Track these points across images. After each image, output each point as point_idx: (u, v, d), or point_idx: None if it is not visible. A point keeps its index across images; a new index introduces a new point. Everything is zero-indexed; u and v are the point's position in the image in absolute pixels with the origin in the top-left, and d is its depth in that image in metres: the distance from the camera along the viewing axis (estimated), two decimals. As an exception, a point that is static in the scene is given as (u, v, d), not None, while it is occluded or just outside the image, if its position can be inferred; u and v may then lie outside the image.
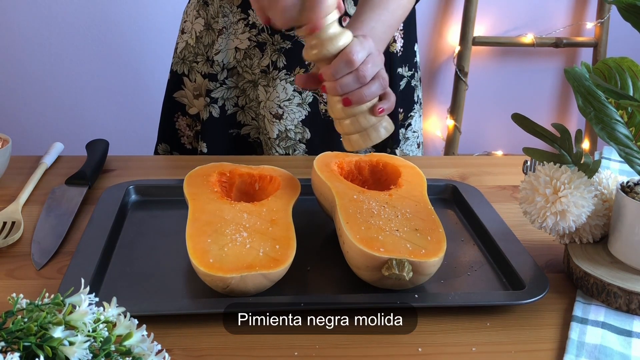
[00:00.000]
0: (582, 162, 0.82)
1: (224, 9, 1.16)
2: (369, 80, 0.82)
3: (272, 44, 1.15)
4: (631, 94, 0.77)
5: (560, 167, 0.79)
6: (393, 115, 1.20)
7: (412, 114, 1.27)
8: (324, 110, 1.17)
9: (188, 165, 0.95)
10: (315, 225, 0.92)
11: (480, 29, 2.44)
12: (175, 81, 1.24)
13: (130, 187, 0.97)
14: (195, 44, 1.21)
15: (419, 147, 1.31)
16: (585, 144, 2.52)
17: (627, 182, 0.82)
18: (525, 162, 1.03)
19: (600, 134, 0.76)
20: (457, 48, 2.42)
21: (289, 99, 1.16)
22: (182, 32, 1.24)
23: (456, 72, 2.43)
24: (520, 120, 0.83)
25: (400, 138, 1.25)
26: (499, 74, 2.54)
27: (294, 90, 1.16)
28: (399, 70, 1.22)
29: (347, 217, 0.80)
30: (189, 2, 1.26)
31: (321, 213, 0.93)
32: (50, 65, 2.38)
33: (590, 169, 0.82)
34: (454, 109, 2.46)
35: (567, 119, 2.63)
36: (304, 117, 1.18)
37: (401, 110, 1.24)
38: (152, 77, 2.39)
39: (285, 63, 1.15)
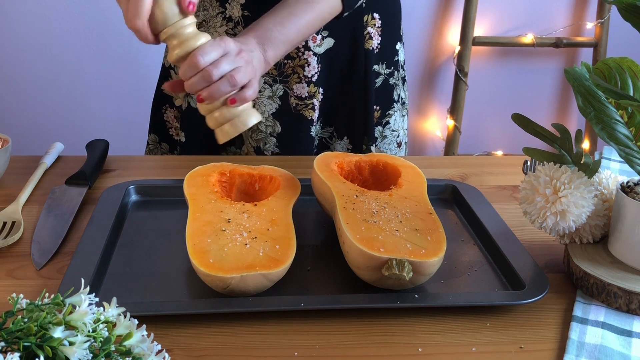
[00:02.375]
0: (582, 162, 0.82)
1: (204, 3, 1.17)
2: (216, 79, 0.85)
3: None
4: (631, 94, 0.77)
5: (560, 167, 0.79)
6: (367, 112, 1.21)
7: (390, 112, 1.27)
8: (294, 105, 1.18)
9: (188, 165, 0.95)
10: (315, 225, 0.92)
11: (480, 29, 2.44)
12: (164, 74, 1.26)
13: (130, 187, 0.97)
14: None
15: (399, 146, 1.31)
16: (585, 144, 2.52)
17: (627, 182, 0.82)
18: (525, 162, 1.03)
19: (600, 134, 0.76)
20: (457, 48, 2.42)
21: (260, 91, 1.17)
22: None
23: (456, 72, 2.43)
24: (520, 120, 0.83)
25: (376, 135, 1.25)
26: (499, 74, 2.53)
27: (265, 83, 1.17)
28: (375, 67, 1.22)
29: (347, 217, 0.80)
30: None
31: (321, 213, 0.93)
32: (50, 65, 2.38)
33: (590, 169, 0.82)
34: (454, 109, 2.46)
35: (567, 119, 2.63)
36: (274, 110, 1.18)
37: (377, 107, 1.24)
38: (153, 77, 2.39)
39: None
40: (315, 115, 1.20)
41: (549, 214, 0.78)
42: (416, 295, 0.74)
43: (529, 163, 1.02)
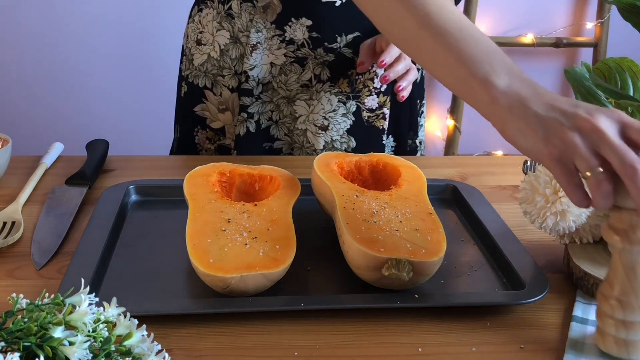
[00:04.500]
0: (582, 162, 0.82)
1: (257, 24, 1.13)
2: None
3: (314, 58, 1.14)
4: (631, 94, 0.77)
5: (560, 167, 0.79)
6: (412, 107, 1.25)
7: (424, 102, 1.31)
8: (366, 118, 1.18)
9: (188, 165, 0.95)
10: (315, 225, 0.92)
11: (480, 29, 2.44)
12: (196, 94, 1.21)
13: (130, 187, 0.97)
14: (219, 57, 1.17)
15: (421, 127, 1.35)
16: (585, 144, 2.51)
17: (627, 182, 0.82)
18: (525, 162, 1.03)
19: (600, 134, 0.76)
20: (457, 48, 2.42)
21: (333, 110, 1.17)
22: (199, 43, 1.19)
23: (456, 72, 2.43)
24: (520, 120, 0.83)
25: (418, 128, 1.28)
26: (499, 74, 2.53)
27: (339, 101, 1.17)
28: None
29: (347, 217, 0.80)
30: (197, 10, 1.21)
31: (321, 213, 0.93)
32: (50, 65, 2.38)
33: (590, 169, 0.82)
34: (454, 109, 2.46)
35: (567, 119, 2.63)
36: (348, 127, 1.18)
37: (418, 100, 1.28)
38: (152, 77, 2.39)
39: (329, 75, 1.15)
40: (386, 124, 1.20)
41: (549, 214, 0.78)
42: (416, 295, 0.74)
43: (529, 163, 1.02)
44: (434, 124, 2.58)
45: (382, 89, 1.18)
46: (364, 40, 1.13)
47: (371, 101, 1.18)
